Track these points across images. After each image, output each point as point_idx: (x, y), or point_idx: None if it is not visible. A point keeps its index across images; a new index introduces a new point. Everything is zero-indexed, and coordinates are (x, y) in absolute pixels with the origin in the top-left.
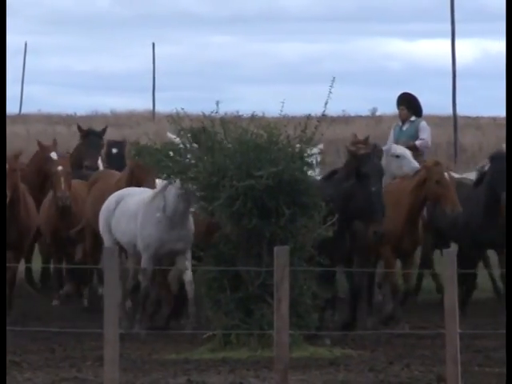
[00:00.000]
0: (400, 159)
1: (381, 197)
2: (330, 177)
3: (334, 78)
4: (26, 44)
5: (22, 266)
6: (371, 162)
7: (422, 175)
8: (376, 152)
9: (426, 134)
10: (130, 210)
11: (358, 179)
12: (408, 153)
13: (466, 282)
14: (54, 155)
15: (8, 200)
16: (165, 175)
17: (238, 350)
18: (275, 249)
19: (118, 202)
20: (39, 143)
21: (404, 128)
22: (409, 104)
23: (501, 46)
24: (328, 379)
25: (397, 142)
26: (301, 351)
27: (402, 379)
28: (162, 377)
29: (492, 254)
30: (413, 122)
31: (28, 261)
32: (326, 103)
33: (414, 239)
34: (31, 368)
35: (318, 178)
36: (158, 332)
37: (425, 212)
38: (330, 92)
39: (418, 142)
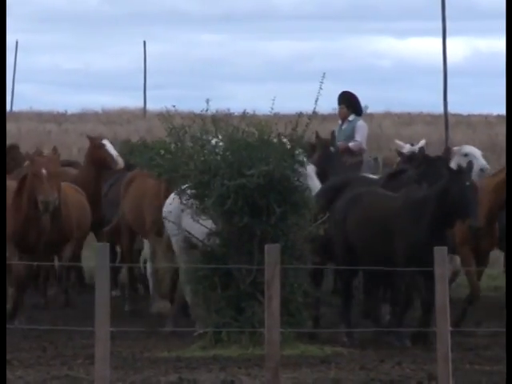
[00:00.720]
0: (468, 157)
1: (475, 191)
2: (394, 176)
3: (324, 73)
4: (17, 42)
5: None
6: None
7: (502, 175)
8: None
9: (360, 134)
10: None
11: (450, 176)
12: (477, 151)
13: None
14: (106, 142)
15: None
16: (156, 173)
17: (229, 347)
18: (266, 247)
19: None
20: (89, 137)
21: (343, 127)
22: (349, 103)
23: (491, 44)
24: (319, 377)
25: (337, 141)
26: (292, 349)
27: (392, 377)
28: (154, 375)
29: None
30: (351, 121)
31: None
32: (316, 100)
33: (491, 240)
34: (22, 366)
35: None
36: (149, 330)
37: None
38: (321, 88)
39: (351, 144)
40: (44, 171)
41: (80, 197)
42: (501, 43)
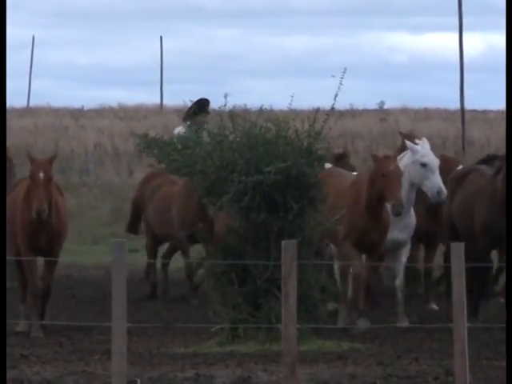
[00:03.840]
0: (425, 170)
1: None
2: (488, 161)
3: (345, 68)
4: (33, 37)
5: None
6: None
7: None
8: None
9: None
10: None
11: None
12: (435, 163)
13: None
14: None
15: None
16: (173, 168)
17: (246, 343)
18: (283, 243)
19: None
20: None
21: None
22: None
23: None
24: (336, 373)
25: None
26: (309, 345)
27: (410, 373)
28: (170, 370)
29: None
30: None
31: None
32: (335, 96)
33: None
34: (39, 361)
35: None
36: (165, 325)
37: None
38: (341, 84)
39: None
40: (41, 175)
41: None
42: None
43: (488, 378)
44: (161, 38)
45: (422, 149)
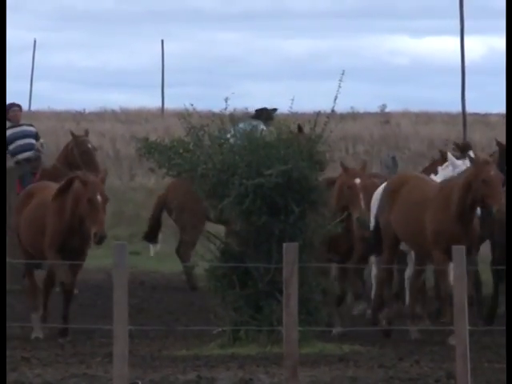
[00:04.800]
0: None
1: None
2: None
3: (343, 71)
4: (35, 40)
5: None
6: None
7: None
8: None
9: None
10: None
11: None
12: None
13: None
14: None
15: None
16: (175, 173)
17: (248, 346)
18: (284, 246)
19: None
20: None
21: None
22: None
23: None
24: (337, 375)
25: None
26: (310, 347)
27: (411, 375)
28: (172, 373)
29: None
30: None
31: None
32: (335, 98)
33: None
34: (41, 364)
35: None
36: (167, 328)
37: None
38: (340, 87)
39: None
40: (99, 198)
41: None
42: None
43: (489, 380)
44: (162, 41)
45: (463, 164)
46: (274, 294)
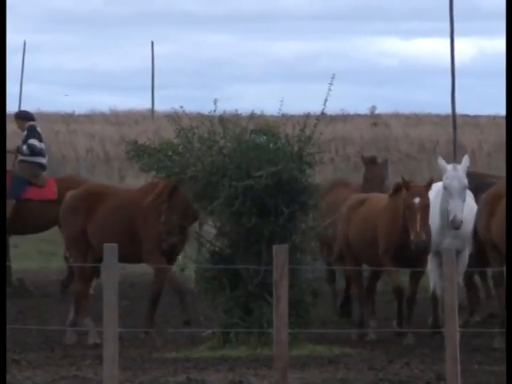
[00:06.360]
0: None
1: None
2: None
3: (333, 74)
4: (24, 43)
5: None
6: None
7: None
8: None
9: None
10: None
11: None
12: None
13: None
14: None
15: None
16: (164, 175)
17: (238, 348)
18: (274, 247)
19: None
20: None
21: None
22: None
23: (497, 44)
24: (327, 377)
25: None
26: (300, 349)
27: (401, 377)
28: (162, 375)
29: None
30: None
31: None
32: (325, 101)
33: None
34: (31, 366)
35: None
36: (157, 331)
37: None
38: (330, 90)
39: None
40: (417, 204)
41: None
42: None
43: (479, 382)
44: (152, 43)
45: (452, 170)
46: (264, 295)
